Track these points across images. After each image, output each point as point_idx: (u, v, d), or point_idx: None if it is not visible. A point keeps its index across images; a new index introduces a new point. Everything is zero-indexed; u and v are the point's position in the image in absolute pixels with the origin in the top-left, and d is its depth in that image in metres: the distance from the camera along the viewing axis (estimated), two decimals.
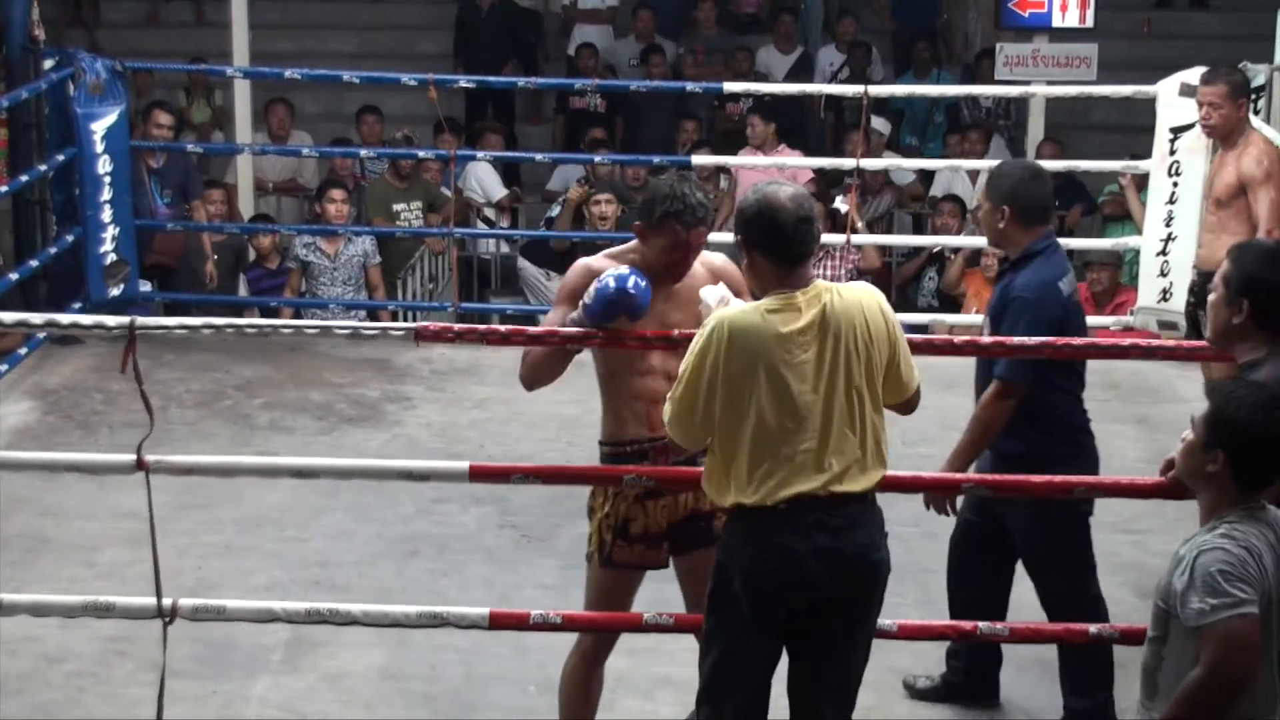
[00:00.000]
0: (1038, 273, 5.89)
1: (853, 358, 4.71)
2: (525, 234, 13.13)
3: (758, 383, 4.70)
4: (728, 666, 4.90)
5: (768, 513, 4.74)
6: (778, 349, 4.69)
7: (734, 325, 4.73)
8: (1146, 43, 15.99)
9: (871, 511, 4.84)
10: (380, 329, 5.50)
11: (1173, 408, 9.01)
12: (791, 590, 4.75)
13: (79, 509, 7.75)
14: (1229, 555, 4.10)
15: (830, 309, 4.71)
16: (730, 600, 4.85)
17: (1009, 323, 5.82)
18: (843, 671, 4.89)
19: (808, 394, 4.69)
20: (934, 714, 6.30)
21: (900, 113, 15.13)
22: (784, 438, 4.71)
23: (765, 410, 4.70)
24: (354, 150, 12.71)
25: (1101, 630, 5.53)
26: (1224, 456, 4.20)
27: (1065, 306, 5.89)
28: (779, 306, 4.73)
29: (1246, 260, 4.79)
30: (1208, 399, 4.32)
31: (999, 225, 5.95)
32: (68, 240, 10.10)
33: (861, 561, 4.78)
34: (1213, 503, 4.26)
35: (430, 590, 7.08)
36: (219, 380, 9.64)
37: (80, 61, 10.14)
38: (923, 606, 6.81)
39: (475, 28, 15.77)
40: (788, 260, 4.76)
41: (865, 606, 4.87)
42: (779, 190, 4.79)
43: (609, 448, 5.59)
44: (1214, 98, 8.08)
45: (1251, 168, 7.94)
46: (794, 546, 4.71)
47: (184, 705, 6.00)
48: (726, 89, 11.55)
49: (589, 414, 8.60)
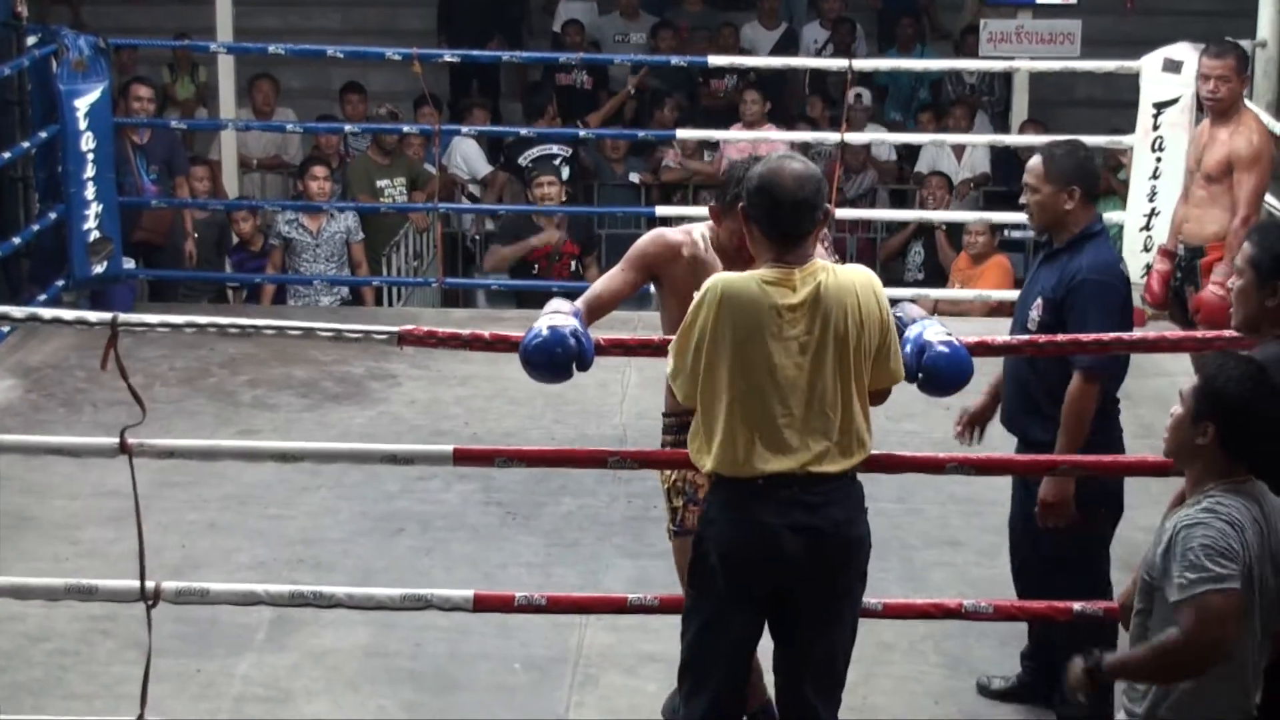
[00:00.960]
0: (1101, 253, 5.81)
1: (841, 339, 4.69)
2: (510, 209, 13.11)
3: (743, 351, 4.68)
4: (707, 641, 4.89)
5: (744, 486, 4.73)
6: (768, 320, 4.67)
7: (728, 289, 4.71)
8: (1130, 18, 15.97)
9: (850, 487, 4.82)
10: (364, 332, 5.48)
11: (1156, 381, 9.00)
12: (768, 565, 4.75)
13: (61, 487, 7.74)
14: (1211, 530, 4.11)
15: (824, 288, 4.68)
16: (709, 574, 4.85)
17: (1080, 307, 5.69)
18: (827, 649, 4.87)
19: (791, 369, 4.68)
20: (918, 689, 6.30)
21: (885, 88, 15.12)
22: (764, 411, 4.69)
23: (747, 380, 4.69)
24: (338, 126, 12.68)
25: (1086, 608, 5.53)
26: (1213, 429, 4.21)
27: (1129, 285, 5.85)
28: (775, 279, 4.69)
29: (1273, 241, 4.75)
30: (1196, 373, 4.32)
31: (1066, 207, 5.80)
32: (51, 218, 10.08)
33: (839, 538, 4.76)
34: (1199, 475, 4.27)
35: (414, 569, 7.08)
36: (203, 358, 9.63)
37: (63, 38, 10.11)
38: (906, 582, 6.82)
39: (460, 3, 15.72)
40: (781, 238, 4.73)
41: (846, 583, 4.85)
42: (786, 166, 4.74)
43: (673, 418, 5.56)
44: (1224, 70, 8.01)
45: (1242, 147, 7.90)
46: (770, 522, 4.71)
47: (167, 684, 5.99)
48: (711, 63, 11.54)
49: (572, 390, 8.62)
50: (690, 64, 11.94)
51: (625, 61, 13.44)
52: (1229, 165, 7.93)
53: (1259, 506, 4.21)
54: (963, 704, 6.21)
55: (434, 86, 13.45)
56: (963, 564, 7.22)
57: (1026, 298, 5.92)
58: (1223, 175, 7.95)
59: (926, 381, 4.97)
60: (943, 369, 4.94)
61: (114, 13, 16.23)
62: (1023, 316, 5.88)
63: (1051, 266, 5.86)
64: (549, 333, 4.99)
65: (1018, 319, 5.93)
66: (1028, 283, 6.04)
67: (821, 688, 4.88)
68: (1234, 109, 8.04)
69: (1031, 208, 5.89)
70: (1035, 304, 5.83)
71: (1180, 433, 4.29)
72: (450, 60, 13.07)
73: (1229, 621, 4.08)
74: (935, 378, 4.96)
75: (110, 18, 15.51)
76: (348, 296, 11.74)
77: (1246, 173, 7.87)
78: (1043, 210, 5.87)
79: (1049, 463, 5.56)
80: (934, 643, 6.47)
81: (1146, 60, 9.82)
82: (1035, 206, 5.87)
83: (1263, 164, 7.93)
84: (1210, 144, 8.06)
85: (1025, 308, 5.89)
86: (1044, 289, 5.82)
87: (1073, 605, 5.51)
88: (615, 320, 5.22)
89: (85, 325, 5.39)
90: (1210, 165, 8.01)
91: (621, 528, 7.54)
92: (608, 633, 6.52)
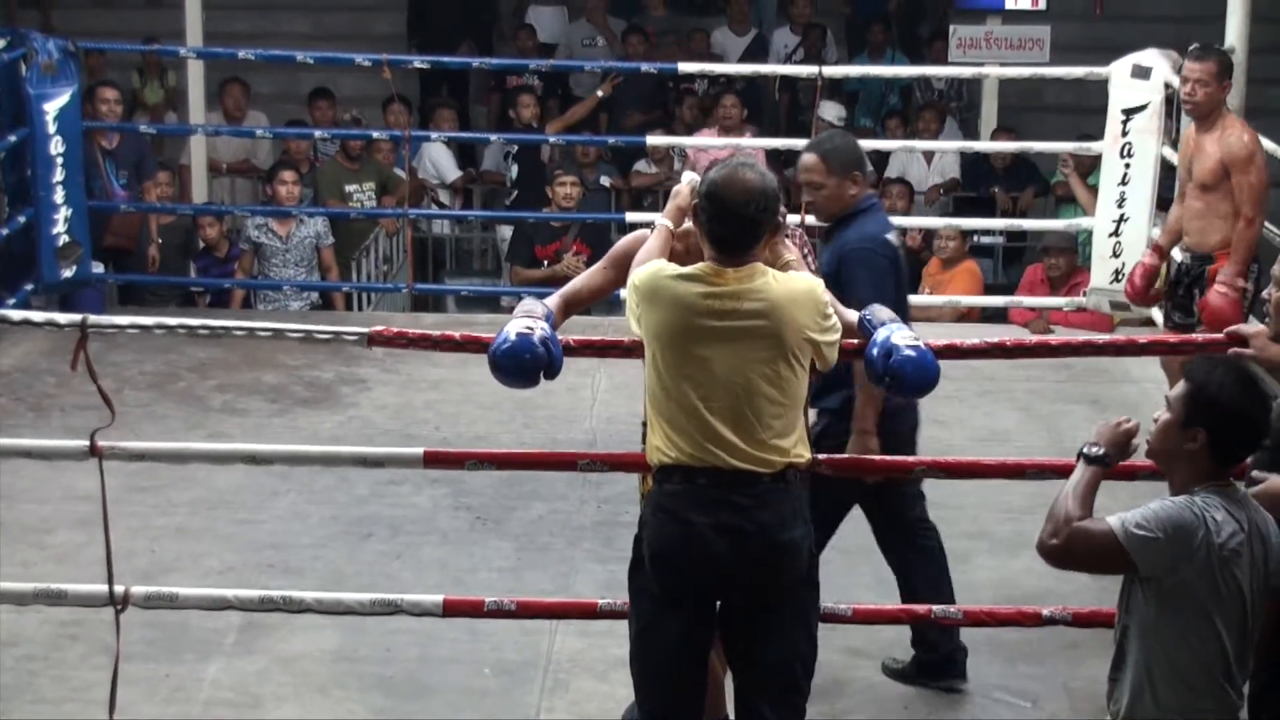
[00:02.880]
0: (869, 225, 6.03)
1: (772, 344, 4.69)
2: (480, 214, 13.13)
3: (668, 346, 4.71)
4: (645, 643, 4.91)
5: (674, 485, 4.76)
6: (691, 315, 4.69)
7: (656, 280, 4.76)
8: (1098, 24, 16.03)
9: (786, 492, 4.78)
10: (334, 333, 5.48)
11: (1125, 388, 9.06)
12: (692, 565, 4.76)
13: (31, 491, 7.71)
14: (1181, 512, 4.15)
15: (755, 290, 4.69)
16: (643, 575, 4.88)
17: (848, 275, 5.88)
18: (779, 658, 4.85)
19: (715, 368, 4.68)
20: (890, 693, 6.32)
21: (854, 95, 15.14)
22: (689, 408, 4.71)
23: (672, 375, 4.72)
24: (308, 131, 12.66)
25: (1054, 613, 5.54)
26: (1204, 434, 4.23)
27: (895, 254, 6.08)
28: (704, 274, 4.72)
29: None
30: (1185, 379, 4.34)
31: (851, 193, 6.02)
32: (19, 221, 10.04)
33: (765, 541, 4.74)
34: (1185, 480, 4.29)
35: (384, 574, 7.08)
36: (172, 362, 9.61)
37: (33, 42, 10.08)
38: (876, 587, 6.83)
39: (430, 8, 15.71)
40: (719, 243, 4.76)
41: (783, 589, 4.83)
42: (738, 177, 4.76)
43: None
44: (1203, 74, 8.00)
45: (1237, 149, 7.87)
46: (695, 521, 4.72)
47: (136, 688, 5.99)
48: (681, 69, 11.55)
49: (542, 395, 8.62)
50: (660, 70, 11.92)
51: (595, 68, 13.42)
52: (1224, 170, 7.91)
53: (1243, 510, 4.24)
54: (933, 708, 6.23)
55: (404, 91, 13.46)
56: None
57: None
58: (1218, 182, 7.93)
59: (893, 384, 5.00)
60: (909, 373, 4.96)
61: (84, 17, 16.19)
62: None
63: (829, 245, 6.09)
64: (517, 339, 4.99)
65: None
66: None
67: (777, 700, 4.87)
68: (1215, 114, 8.03)
69: (820, 203, 6.03)
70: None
71: (1168, 438, 4.31)
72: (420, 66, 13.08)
73: (1092, 551, 4.22)
74: (901, 381, 4.98)
75: (80, 22, 15.47)
76: (317, 301, 11.72)
77: (1243, 174, 7.85)
78: (831, 202, 6.08)
79: (1017, 466, 5.57)
80: (904, 648, 6.47)
81: (1115, 66, 9.85)
82: (824, 201, 6.03)
83: (1258, 162, 7.92)
84: (1198, 152, 8.04)
85: None
86: (824, 266, 5.96)
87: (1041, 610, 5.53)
88: (584, 324, 5.22)
89: (55, 327, 5.39)
90: (1203, 174, 7.99)
91: (592, 532, 7.54)
92: (578, 637, 6.52)
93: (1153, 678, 4.25)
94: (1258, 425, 4.28)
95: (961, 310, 11.12)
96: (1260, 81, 11.12)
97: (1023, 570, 7.06)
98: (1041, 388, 9.44)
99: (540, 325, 5.05)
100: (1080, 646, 6.36)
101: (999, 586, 7.02)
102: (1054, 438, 8.59)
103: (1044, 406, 9.19)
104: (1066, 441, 6.88)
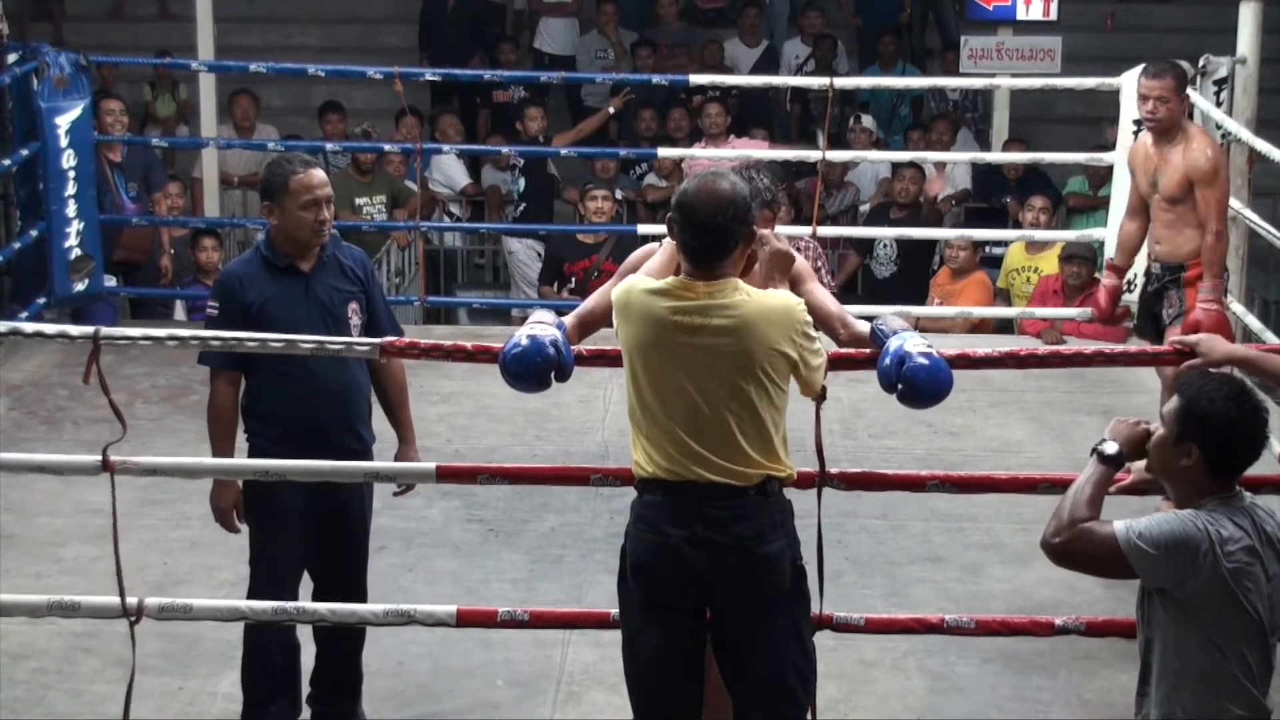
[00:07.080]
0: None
1: (738, 358, 4.66)
2: (494, 227, 13.11)
3: (643, 359, 4.72)
4: (632, 653, 4.92)
5: (652, 497, 4.79)
6: (659, 329, 4.69)
7: (629, 294, 4.76)
8: (1110, 35, 16.04)
9: (764, 505, 4.76)
10: (346, 344, 5.48)
11: (1137, 398, 9.04)
12: (668, 577, 4.77)
13: (44, 504, 7.73)
14: (1185, 526, 4.15)
15: (725, 306, 4.66)
16: (627, 587, 4.90)
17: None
18: (770, 669, 4.81)
19: (688, 381, 4.68)
20: (900, 705, 6.30)
21: (865, 105, 15.14)
22: (663, 421, 4.73)
23: (648, 388, 4.73)
24: (319, 144, 12.66)
25: (1068, 623, 5.53)
26: (1197, 450, 4.23)
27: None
28: (673, 288, 4.71)
29: None
30: (1176, 394, 4.33)
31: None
32: (32, 235, 10.05)
33: (741, 553, 4.73)
34: (1185, 494, 4.29)
35: (397, 585, 7.07)
36: (184, 375, 9.60)
37: (44, 56, 10.10)
38: (888, 598, 6.83)
39: (440, 21, 15.73)
40: (689, 254, 4.74)
41: (764, 600, 4.80)
42: (710, 188, 4.72)
43: None
44: (1163, 91, 7.99)
45: (1200, 162, 7.87)
46: (670, 533, 4.73)
47: (150, 701, 5.99)
48: (692, 81, 11.55)
49: (554, 407, 8.62)
50: (672, 82, 11.91)
51: (606, 80, 13.41)
52: (1189, 184, 7.92)
53: (1249, 518, 4.23)
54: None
55: (415, 103, 13.47)
56: (945, 580, 7.22)
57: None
58: (1185, 194, 7.93)
59: (905, 393, 4.97)
60: (922, 381, 4.93)
61: (95, 30, 16.25)
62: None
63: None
64: (528, 342, 5.00)
65: None
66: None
67: (771, 713, 4.84)
68: (1176, 128, 8.03)
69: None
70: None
71: (1164, 454, 4.31)
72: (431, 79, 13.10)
73: (1087, 550, 4.23)
74: (914, 389, 4.95)
75: (91, 35, 15.53)
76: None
77: (1209, 188, 7.86)
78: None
79: (1028, 481, 5.56)
80: (916, 659, 6.47)
81: (1126, 77, 9.84)
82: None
83: (1221, 176, 7.95)
84: (1163, 166, 8.02)
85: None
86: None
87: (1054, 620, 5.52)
88: (597, 336, 5.22)
89: (67, 339, 5.39)
90: (1169, 187, 7.98)
91: (604, 544, 7.52)
92: (591, 649, 6.52)
93: (1181, 690, 4.24)
94: (1251, 437, 4.26)
95: (974, 321, 11.10)
96: (1271, 92, 11.13)
97: (1036, 581, 7.06)
98: (1054, 398, 9.44)
99: (552, 331, 5.06)
100: (1094, 657, 6.36)
101: (1012, 597, 7.02)
102: (1066, 448, 8.59)
103: (1056, 417, 9.19)
104: (1079, 452, 6.84)
